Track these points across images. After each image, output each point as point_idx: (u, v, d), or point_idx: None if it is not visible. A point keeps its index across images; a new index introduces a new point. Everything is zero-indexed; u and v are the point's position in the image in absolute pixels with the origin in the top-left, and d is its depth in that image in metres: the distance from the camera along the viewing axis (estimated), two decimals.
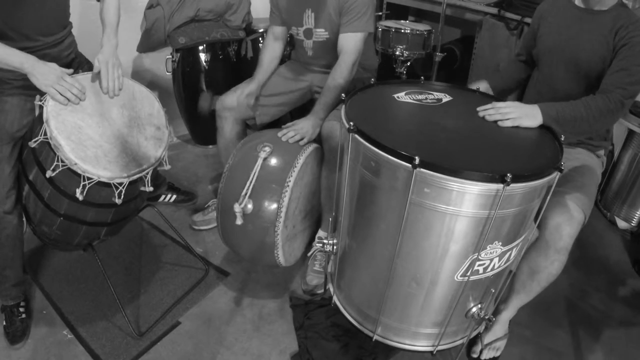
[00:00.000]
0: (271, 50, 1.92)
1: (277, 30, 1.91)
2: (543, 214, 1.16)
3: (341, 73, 1.67)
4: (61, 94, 1.28)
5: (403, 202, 1.01)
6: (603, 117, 1.29)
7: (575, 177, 1.40)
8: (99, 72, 1.38)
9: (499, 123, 1.23)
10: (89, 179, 1.25)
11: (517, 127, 1.23)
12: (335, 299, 1.40)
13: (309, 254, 1.84)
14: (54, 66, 1.30)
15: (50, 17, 1.41)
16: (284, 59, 2.04)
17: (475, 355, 1.52)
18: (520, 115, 1.24)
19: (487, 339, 1.51)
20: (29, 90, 1.36)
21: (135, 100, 1.47)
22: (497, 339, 1.52)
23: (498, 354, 1.52)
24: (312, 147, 1.61)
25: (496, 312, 1.48)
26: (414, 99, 1.34)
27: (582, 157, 1.50)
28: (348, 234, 1.26)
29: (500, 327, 1.52)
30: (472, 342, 1.51)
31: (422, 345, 1.26)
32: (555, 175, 1.02)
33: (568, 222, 1.28)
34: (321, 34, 1.78)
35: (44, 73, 1.26)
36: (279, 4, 1.84)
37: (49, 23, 1.41)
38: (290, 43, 2.06)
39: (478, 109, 1.29)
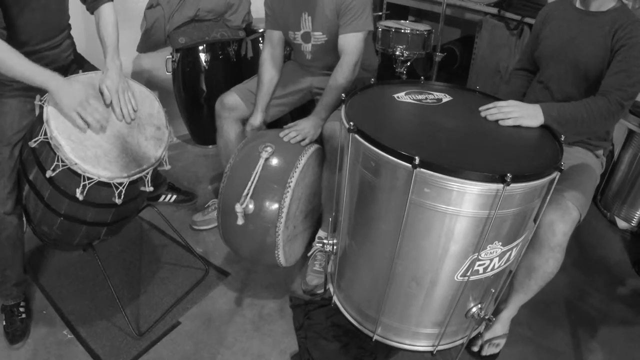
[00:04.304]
0: (270, 65, 1.85)
1: (275, 35, 1.86)
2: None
3: (343, 74, 1.66)
4: (82, 118, 1.25)
5: (403, 202, 1.01)
6: (603, 118, 1.29)
7: (572, 175, 1.40)
8: (99, 72, 1.38)
9: (500, 122, 1.24)
10: (89, 179, 1.25)
11: (518, 126, 1.23)
12: (335, 299, 1.40)
13: (309, 254, 1.84)
14: (78, 88, 1.26)
15: (51, 22, 1.41)
16: (284, 60, 2.04)
17: (475, 349, 1.52)
18: (522, 114, 1.24)
19: (487, 336, 1.52)
20: (28, 91, 1.36)
21: (136, 100, 1.47)
22: (497, 337, 1.53)
23: (497, 350, 1.53)
24: (313, 148, 1.61)
25: (496, 311, 1.48)
26: (414, 99, 1.34)
27: (580, 155, 1.50)
28: (348, 234, 1.26)
29: (501, 326, 1.53)
30: (473, 337, 1.51)
31: (422, 345, 1.26)
32: (556, 175, 1.02)
33: (561, 219, 1.28)
34: (319, 37, 1.76)
35: (68, 94, 1.23)
36: (275, 8, 1.81)
37: (49, 28, 1.41)
38: (289, 44, 2.05)
39: (480, 108, 1.29)
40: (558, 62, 1.48)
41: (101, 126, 1.30)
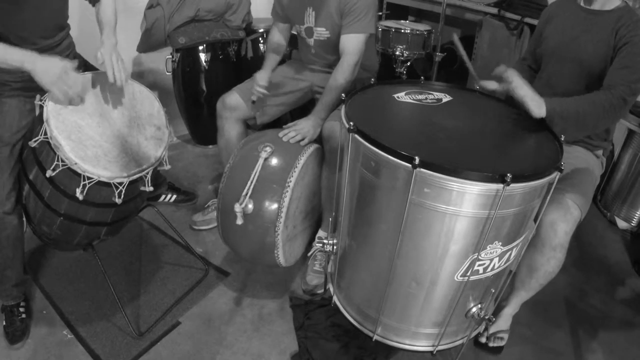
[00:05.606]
0: (276, 41, 1.94)
1: (280, 27, 1.94)
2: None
3: (343, 73, 1.67)
4: (63, 94, 1.24)
5: (403, 202, 1.01)
6: (606, 113, 1.29)
7: (572, 175, 1.41)
8: (99, 72, 1.37)
9: (509, 85, 1.28)
10: (89, 178, 1.25)
11: (518, 126, 1.23)
12: (335, 299, 1.40)
13: (309, 254, 1.84)
14: (55, 60, 1.24)
15: (50, 20, 1.41)
16: (284, 59, 2.04)
17: (483, 340, 1.54)
18: (529, 93, 1.25)
19: (491, 329, 1.54)
20: (28, 91, 1.36)
21: (136, 100, 1.47)
22: (501, 331, 1.54)
23: (503, 343, 1.54)
24: (313, 148, 1.61)
25: (498, 307, 1.49)
26: (414, 99, 1.34)
27: (580, 155, 1.50)
28: (348, 234, 1.26)
29: (504, 321, 1.54)
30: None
31: (422, 345, 1.26)
32: (555, 175, 1.02)
33: (563, 218, 1.28)
34: (322, 32, 1.78)
35: (45, 69, 1.21)
36: (282, 0, 1.85)
37: (48, 26, 1.41)
38: (292, 43, 2.05)
39: (481, 82, 1.32)
40: (561, 60, 1.48)
41: (81, 99, 1.31)
